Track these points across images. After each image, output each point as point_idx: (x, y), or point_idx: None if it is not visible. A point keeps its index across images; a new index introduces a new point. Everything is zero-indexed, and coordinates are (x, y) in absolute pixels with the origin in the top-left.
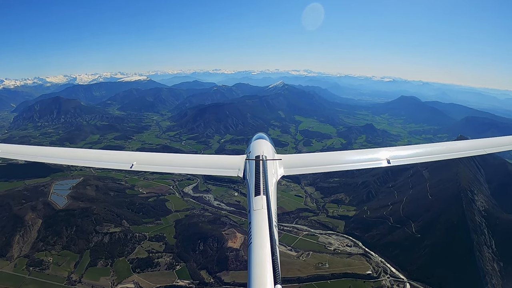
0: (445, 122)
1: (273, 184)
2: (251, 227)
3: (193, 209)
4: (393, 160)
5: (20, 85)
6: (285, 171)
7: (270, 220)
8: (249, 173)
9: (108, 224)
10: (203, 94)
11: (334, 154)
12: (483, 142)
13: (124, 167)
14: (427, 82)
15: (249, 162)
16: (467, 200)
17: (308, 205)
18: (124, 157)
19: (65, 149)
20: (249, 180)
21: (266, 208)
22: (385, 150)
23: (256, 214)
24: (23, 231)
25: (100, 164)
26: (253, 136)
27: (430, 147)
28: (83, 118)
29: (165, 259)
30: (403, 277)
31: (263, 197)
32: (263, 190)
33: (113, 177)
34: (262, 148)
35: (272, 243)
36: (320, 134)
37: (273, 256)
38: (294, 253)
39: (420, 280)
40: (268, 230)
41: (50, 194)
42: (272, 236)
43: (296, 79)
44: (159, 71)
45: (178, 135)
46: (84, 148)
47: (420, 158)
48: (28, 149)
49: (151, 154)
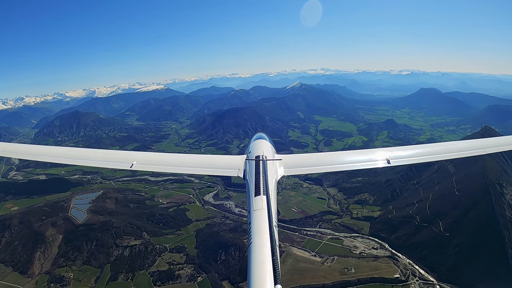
0: (467, 113)
1: (273, 184)
2: (251, 227)
3: (214, 218)
4: (393, 160)
5: (40, 101)
6: (285, 171)
7: (270, 220)
8: (249, 173)
9: (128, 237)
10: (221, 99)
11: (334, 154)
12: (483, 142)
13: (124, 166)
14: (446, 72)
15: (249, 162)
16: (496, 194)
17: (331, 207)
18: (124, 157)
19: (65, 148)
20: (249, 180)
21: (266, 208)
22: (385, 150)
23: (256, 214)
24: (43, 247)
25: (100, 164)
26: (252, 136)
27: (430, 147)
28: (102, 131)
29: (186, 270)
30: (432, 279)
31: (263, 197)
32: (263, 190)
33: (133, 189)
34: (262, 148)
35: (272, 243)
36: (341, 133)
37: (273, 256)
38: (318, 259)
39: (450, 282)
40: (268, 230)
41: (70, 209)
42: (272, 236)
43: (314, 78)
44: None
45: (197, 142)
46: (84, 148)
47: (420, 158)
48: (28, 148)
49: (151, 154)
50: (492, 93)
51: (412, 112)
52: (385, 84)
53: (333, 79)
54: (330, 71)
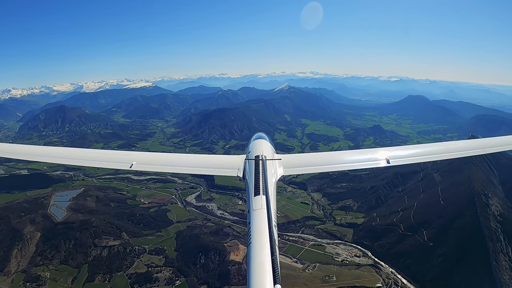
0: (454, 121)
1: (273, 184)
2: (250, 227)
3: (195, 220)
4: (393, 160)
5: (27, 94)
6: (285, 171)
7: (269, 220)
8: (249, 173)
9: (107, 237)
10: (208, 99)
11: (333, 154)
12: (482, 142)
13: (124, 166)
14: (434, 80)
15: (249, 162)
16: (481, 204)
17: (314, 212)
18: (124, 157)
19: (64, 149)
20: (249, 180)
21: (265, 208)
22: (384, 150)
23: (255, 214)
24: (21, 245)
25: (99, 164)
26: (252, 136)
27: (429, 147)
28: (87, 126)
29: (165, 273)
30: None
31: (263, 197)
32: (262, 190)
33: (115, 187)
34: (261, 148)
35: (271, 243)
36: (327, 137)
37: (272, 256)
38: (299, 266)
39: None
40: (268, 230)
41: (49, 206)
42: (271, 236)
43: (303, 81)
44: (165, 77)
45: (183, 142)
46: (83, 149)
47: (420, 158)
48: (27, 149)
49: (150, 154)
50: (480, 102)
51: (399, 118)
52: (373, 89)
53: (322, 83)
54: (319, 74)
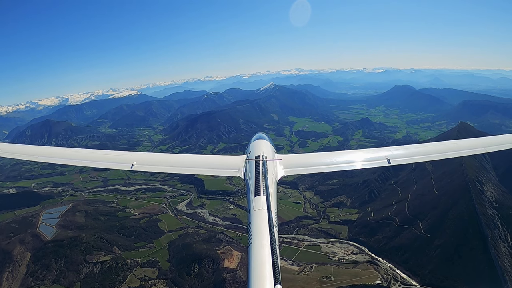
0: (442, 108)
1: (273, 184)
2: (251, 227)
3: (187, 228)
4: (393, 160)
5: (12, 111)
6: (285, 171)
7: (270, 220)
8: (249, 173)
9: (98, 252)
10: (194, 103)
11: (334, 154)
12: (483, 141)
13: (124, 167)
14: (419, 69)
15: (249, 162)
16: (476, 192)
17: (307, 211)
18: (124, 157)
19: (65, 149)
20: (249, 180)
21: (266, 208)
22: (385, 150)
23: (256, 214)
24: (12, 267)
25: (100, 164)
26: (253, 136)
27: (430, 146)
28: (74, 140)
29: (159, 286)
30: (415, 283)
31: (263, 197)
32: (263, 190)
33: (104, 200)
34: (262, 148)
35: (272, 243)
36: (316, 134)
37: (273, 256)
38: (296, 268)
39: (433, 285)
40: (268, 230)
41: (38, 224)
42: (272, 236)
43: (288, 79)
44: (151, 84)
45: (171, 148)
46: (83, 148)
47: (421, 158)
48: (29, 149)
49: (151, 154)
50: (466, 88)
51: (387, 109)
52: (359, 82)
53: (307, 79)
54: (304, 71)
